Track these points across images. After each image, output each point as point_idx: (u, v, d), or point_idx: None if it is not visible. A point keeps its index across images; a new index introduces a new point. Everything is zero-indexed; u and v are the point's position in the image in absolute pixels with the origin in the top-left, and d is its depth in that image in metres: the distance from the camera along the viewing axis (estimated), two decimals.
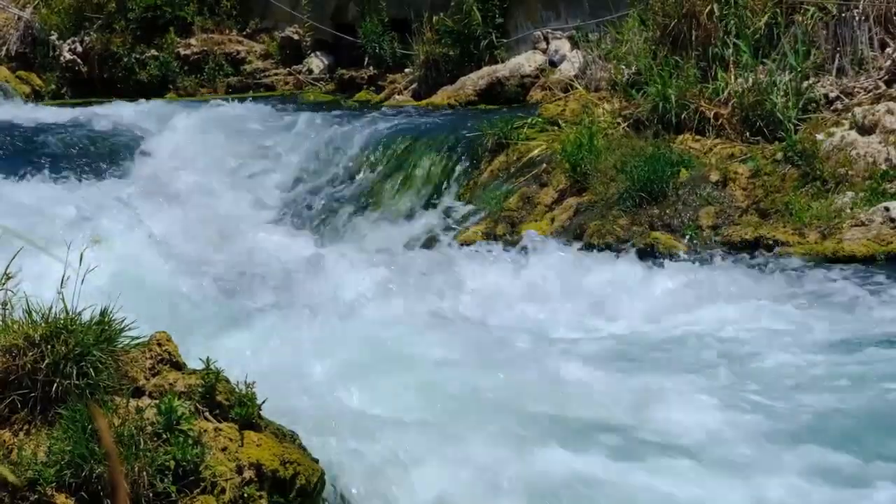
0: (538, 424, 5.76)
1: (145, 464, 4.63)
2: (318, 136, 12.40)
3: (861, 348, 6.98)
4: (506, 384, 6.26)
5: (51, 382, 4.74)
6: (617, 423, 5.91)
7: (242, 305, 7.98)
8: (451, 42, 13.77)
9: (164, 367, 5.06)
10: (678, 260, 8.77)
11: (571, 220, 9.56)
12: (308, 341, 6.67)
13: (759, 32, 10.57)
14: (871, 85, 10.08)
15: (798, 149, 9.31)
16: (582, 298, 8.20)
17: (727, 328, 7.50)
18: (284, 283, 8.90)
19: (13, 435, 4.74)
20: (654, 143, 9.89)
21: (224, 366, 5.06)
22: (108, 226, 8.63)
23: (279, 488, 4.95)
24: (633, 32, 11.38)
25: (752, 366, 6.79)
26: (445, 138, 11.57)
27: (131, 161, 12.54)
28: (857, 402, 6.16)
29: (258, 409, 5.05)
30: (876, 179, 9.00)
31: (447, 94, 13.38)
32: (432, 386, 6.20)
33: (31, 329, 4.80)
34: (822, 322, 7.47)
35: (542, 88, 12.60)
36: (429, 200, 10.96)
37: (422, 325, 7.38)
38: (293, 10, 15.78)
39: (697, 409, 6.01)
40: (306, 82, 15.44)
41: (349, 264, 9.10)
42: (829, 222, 8.73)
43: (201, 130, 12.95)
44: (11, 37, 16.63)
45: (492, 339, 7.14)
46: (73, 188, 11.61)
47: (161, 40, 15.89)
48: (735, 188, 9.32)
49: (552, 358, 6.80)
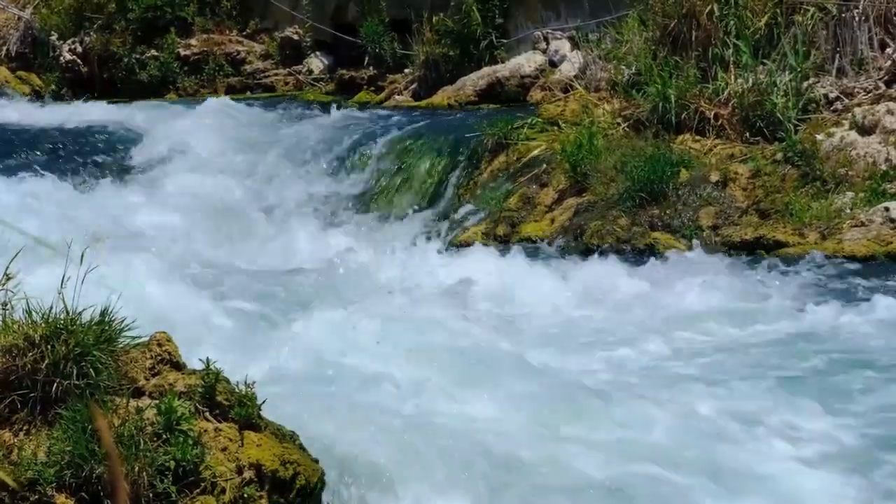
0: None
1: (145, 464, 4.63)
2: (317, 135, 12.40)
3: (860, 348, 6.98)
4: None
5: (51, 382, 4.74)
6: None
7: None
8: (451, 42, 13.76)
9: (164, 368, 5.06)
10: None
11: (571, 221, 9.56)
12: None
13: (759, 33, 10.57)
14: (871, 85, 10.08)
15: (798, 149, 9.31)
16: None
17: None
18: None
19: (13, 435, 4.74)
20: (654, 143, 9.89)
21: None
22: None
23: (279, 488, 4.95)
24: (633, 33, 11.37)
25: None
26: (445, 139, 11.56)
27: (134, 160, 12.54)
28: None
29: (258, 409, 5.05)
30: (876, 180, 9.00)
31: (447, 95, 13.37)
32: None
33: (31, 329, 4.79)
34: (823, 321, 7.48)
35: (542, 89, 12.59)
36: (428, 201, 10.96)
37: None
38: (293, 10, 15.76)
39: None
40: (306, 82, 15.43)
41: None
42: (829, 222, 8.74)
43: (201, 128, 12.97)
44: (11, 37, 16.62)
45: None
46: (82, 188, 11.65)
47: (161, 41, 15.88)
48: (735, 188, 9.32)
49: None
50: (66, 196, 11.07)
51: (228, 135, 12.84)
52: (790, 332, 7.36)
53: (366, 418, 5.56)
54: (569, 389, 6.16)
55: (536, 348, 7.02)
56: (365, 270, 8.83)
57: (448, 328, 7.02)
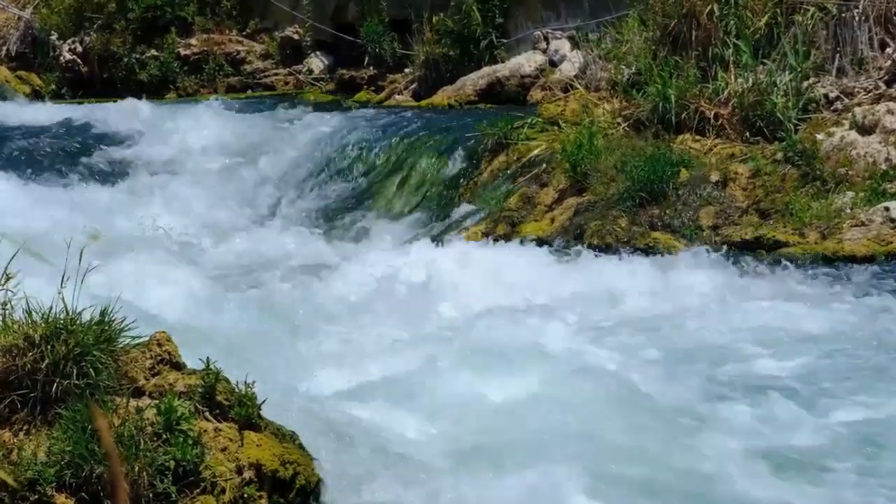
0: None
1: (145, 464, 4.63)
2: (317, 135, 12.39)
3: (861, 347, 6.99)
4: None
5: (51, 382, 4.74)
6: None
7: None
8: (451, 42, 13.76)
9: (164, 367, 5.06)
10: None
11: (571, 221, 9.56)
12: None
13: (759, 32, 10.57)
14: (871, 85, 10.08)
15: (798, 149, 9.31)
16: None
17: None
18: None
19: (13, 435, 4.74)
20: (654, 143, 9.89)
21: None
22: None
23: (279, 488, 4.95)
24: (633, 32, 11.37)
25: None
26: (445, 138, 11.57)
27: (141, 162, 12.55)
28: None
29: (258, 409, 5.05)
30: (876, 179, 9.00)
31: (447, 95, 13.37)
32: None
33: (31, 329, 4.79)
34: (823, 321, 7.48)
35: (542, 88, 12.59)
36: (427, 200, 10.96)
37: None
38: (293, 10, 15.76)
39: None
40: (306, 82, 15.43)
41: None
42: (829, 222, 8.73)
43: (202, 127, 12.97)
44: (11, 37, 16.62)
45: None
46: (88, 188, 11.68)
47: (161, 40, 15.88)
48: (735, 188, 9.32)
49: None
50: (59, 195, 11.09)
51: (227, 135, 12.84)
52: (790, 333, 7.35)
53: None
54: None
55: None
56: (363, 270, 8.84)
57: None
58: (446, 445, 5.64)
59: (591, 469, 5.29)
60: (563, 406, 5.99)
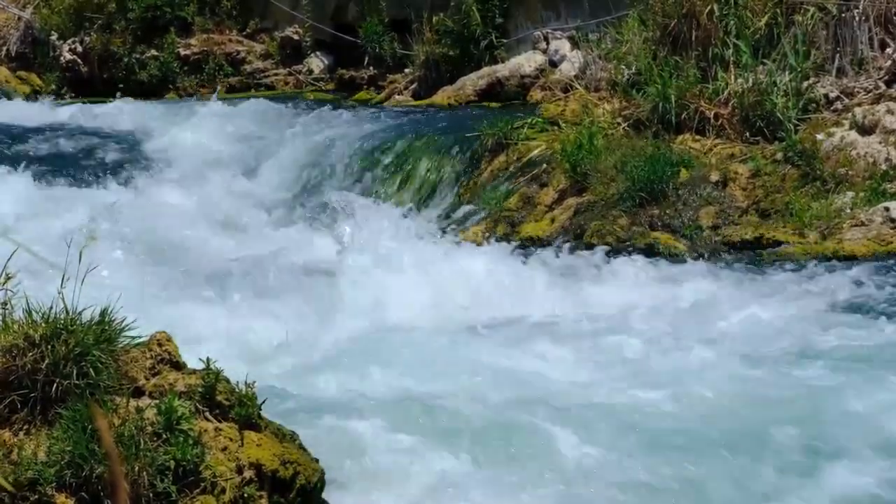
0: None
1: (145, 464, 4.63)
2: (317, 135, 12.39)
3: (859, 347, 6.99)
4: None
5: (51, 382, 4.74)
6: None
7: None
8: (451, 42, 13.76)
9: (164, 367, 5.06)
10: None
11: (571, 221, 9.56)
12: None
13: (759, 32, 10.57)
14: (871, 85, 10.08)
15: (798, 149, 9.31)
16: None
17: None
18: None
19: (13, 435, 4.74)
20: (654, 143, 9.89)
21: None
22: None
23: (279, 488, 4.95)
24: (633, 32, 11.37)
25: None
26: (445, 138, 11.56)
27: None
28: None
29: (258, 408, 5.05)
30: (876, 179, 9.00)
31: (447, 94, 13.37)
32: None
33: (31, 329, 4.79)
34: (823, 320, 7.48)
35: (542, 88, 12.59)
36: (428, 200, 10.95)
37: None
38: (293, 10, 15.76)
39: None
40: (306, 82, 15.42)
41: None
42: (830, 222, 8.73)
43: (202, 128, 12.98)
44: (11, 37, 16.61)
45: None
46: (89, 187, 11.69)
47: (161, 40, 15.87)
48: (735, 188, 9.32)
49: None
50: (58, 194, 11.09)
51: (226, 135, 12.84)
52: (788, 332, 7.35)
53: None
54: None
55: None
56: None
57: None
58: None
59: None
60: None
